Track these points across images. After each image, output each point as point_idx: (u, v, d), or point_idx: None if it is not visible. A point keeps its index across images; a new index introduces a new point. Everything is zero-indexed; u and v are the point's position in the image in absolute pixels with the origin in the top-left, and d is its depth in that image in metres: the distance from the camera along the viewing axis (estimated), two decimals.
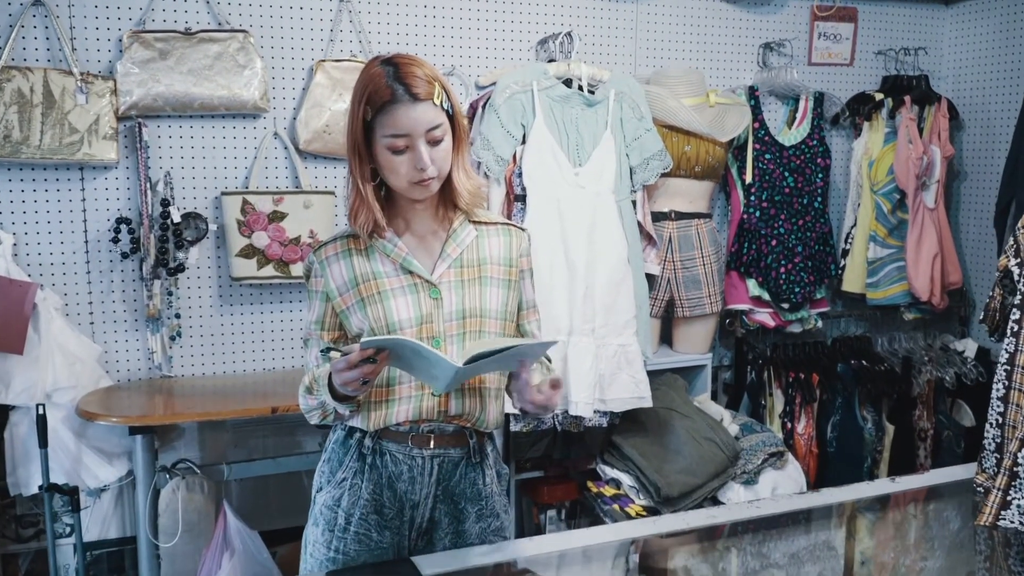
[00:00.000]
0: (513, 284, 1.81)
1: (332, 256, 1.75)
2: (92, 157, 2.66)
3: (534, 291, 1.89)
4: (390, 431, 1.76)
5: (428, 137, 1.63)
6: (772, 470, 2.96)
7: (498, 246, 1.81)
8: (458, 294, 1.74)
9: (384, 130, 1.61)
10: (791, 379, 3.40)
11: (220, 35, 2.76)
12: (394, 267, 1.73)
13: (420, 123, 1.61)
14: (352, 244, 1.75)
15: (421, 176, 1.64)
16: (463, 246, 1.77)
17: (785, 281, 3.35)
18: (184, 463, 2.73)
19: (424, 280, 1.73)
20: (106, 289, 2.79)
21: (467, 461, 1.81)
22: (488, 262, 1.79)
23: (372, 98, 1.60)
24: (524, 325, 1.86)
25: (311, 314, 1.78)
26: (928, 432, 3.55)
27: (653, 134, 3.01)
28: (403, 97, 1.59)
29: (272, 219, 2.83)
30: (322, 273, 1.75)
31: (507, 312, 1.80)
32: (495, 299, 1.77)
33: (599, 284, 2.88)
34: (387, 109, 1.60)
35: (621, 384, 2.90)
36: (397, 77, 1.60)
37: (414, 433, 1.76)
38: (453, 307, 1.73)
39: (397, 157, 1.63)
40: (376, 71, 1.62)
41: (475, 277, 1.77)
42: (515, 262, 1.82)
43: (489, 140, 2.85)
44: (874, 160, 3.54)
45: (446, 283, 1.74)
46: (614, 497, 2.94)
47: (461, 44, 3.12)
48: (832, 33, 3.63)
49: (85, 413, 2.48)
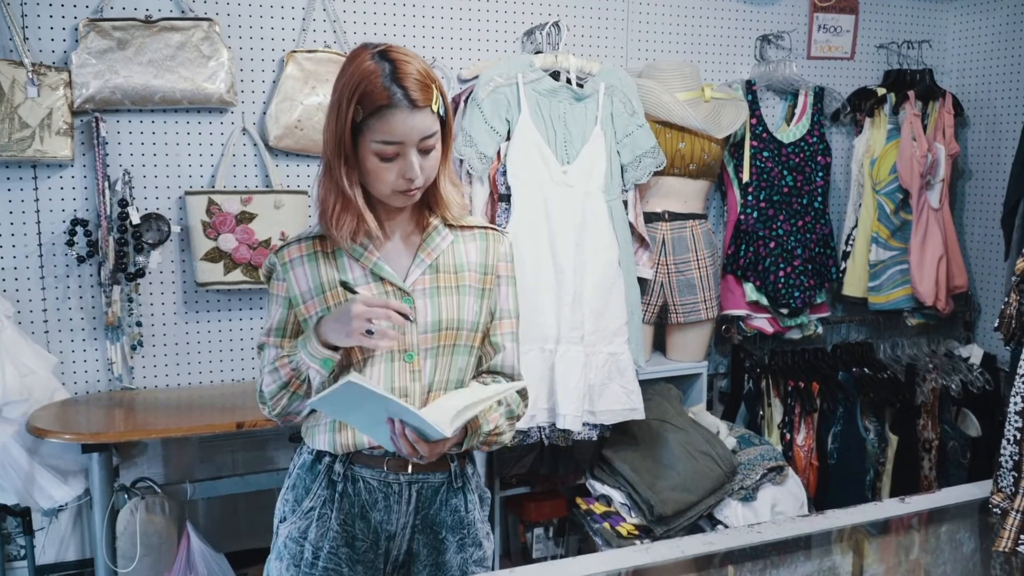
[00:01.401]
0: (487, 293, 1.66)
1: (296, 259, 1.60)
2: (44, 154, 2.49)
3: (514, 299, 1.71)
4: (363, 455, 1.60)
5: (421, 146, 1.50)
6: (771, 485, 2.80)
7: (475, 251, 1.66)
8: (433, 303, 1.59)
9: (375, 135, 1.47)
10: (790, 388, 3.24)
11: (183, 23, 2.59)
12: (364, 273, 1.58)
13: (416, 132, 1.48)
14: (319, 246, 1.60)
15: (408, 186, 1.51)
16: (439, 251, 1.62)
17: (784, 285, 3.19)
18: (144, 482, 2.58)
19: (396, 287, 1.58)
20: (61, 295, 2.62)
21: (448, 486, 1.66)
22: (465, 268, 1.64)
23: (365, 99, 1.45)
24: (493, 337, 1.68)
25: (269, 320, 1.63)
26: (933, 443, 3.39)
27: (646, 130, 2.85)
28: (401, 103, 1.45)
29: (240, 220, 2.66)
30: (284, 276, 1.60)
31: (480, 324, 1.65)
32: (471, 310, 1.62)
33: (588, 289, 2.71)
34: (382, 114, 1.46)
35: (612, 395, 2.74)
36: (395, 78, 1.45)
37: (390, 457, 1.60)
38: (428, 317, 1.58)
39: (384, 164, 1.49)
40: (370, 67, 1.46)
41: (452, 285, 1.61)
42: (491, 268, 1.67)
43: (472, 136, 2.68)
44: (876, 158, 3.39)
45: (420, 290, 1.59)
46: (605, 515, 2.78)
47: (442, 35, 2.95)
48: (832, 25, 3.48)
49: (36, 429, 2.31)
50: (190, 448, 2.80)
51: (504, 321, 1.69)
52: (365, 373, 1.56)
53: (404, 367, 1.57)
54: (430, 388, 1.59)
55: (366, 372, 1.56)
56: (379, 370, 1.56)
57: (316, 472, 1.63)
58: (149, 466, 2.76)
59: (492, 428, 1.60)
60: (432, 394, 1.59)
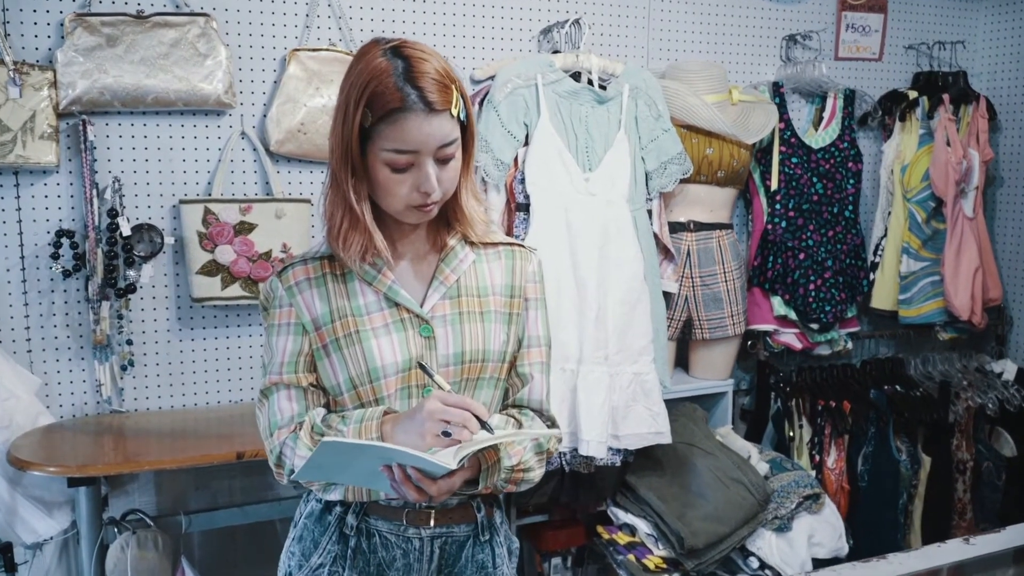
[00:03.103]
0: (515, 318, 1.46)
1: (304, 281, 1.40)
2: (27, 160, 2.30)
3: (544, 325, 1.52)
4: (379, 505, 1.42)
5: (438, 155, 1.30)
6: (807, 515, 2.63)
7: (500, 272, 1.47)
8: (455, 331, 1.40)
9: (386, 143, 1.28)
10: (820, 407, 3.06)
11: (177, 19, 2.40)
12: (377, 298, 1.39)
13: (433, 139, 1.29)
14: (327, 267, 1.40)
15: (423, 200, 1.31)
16: (459, 272, 1.43)
17: (815, 299, 3.01)
18: (135, 514, 2.39)
19: (413, 314, 1.39)
20: (45, 312, 2.43)
21: (475, 539, 1.47)
22: (489, 292, 1.45)
23: (375, 101, 1.27)
24: (520, 367, 1.49)
25: (277, 355, 1.40)
26: (967, 464, 3.23)
27: (672, 135, 2.67)
28: (416, 106, 1.26)
29: (239, 231, 2.47)
30: (291, 302, 1.39)
31: (508, 354, 1.46)
32: (497, 338, 1.43)
33: (612, 305, 2.54)
34: (394, 118, 1.27)
35: (637, 418, 2.57)
36: (409, 77, 1.27)
37: (409, 508, 1.41)
38: (450, 349, 1.39)
39: (397, 175, 1.30)
40: (380, 64, 1.28)
41: (475, 311, 1.43)
42: (518, 291, 1.47)
43: (488, 141, 2.51)
44: (907, 164, 3.23)
45: (440, 318, 1.40)
46: (629, 546, 2.60)
47: (455, 33, 2.76)
48: (861, 25, 3.31)
49: (17, 460, 2.11)
50: (184, 476, 2.61)
51: (533, 350, 1.50)
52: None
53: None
54: None
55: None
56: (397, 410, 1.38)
57: (326, 524, 1.44)
58: (141, 494, 2.57)
59: (515, 463, 1.38)
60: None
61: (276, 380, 1.39)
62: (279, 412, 1.38)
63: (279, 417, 1.37)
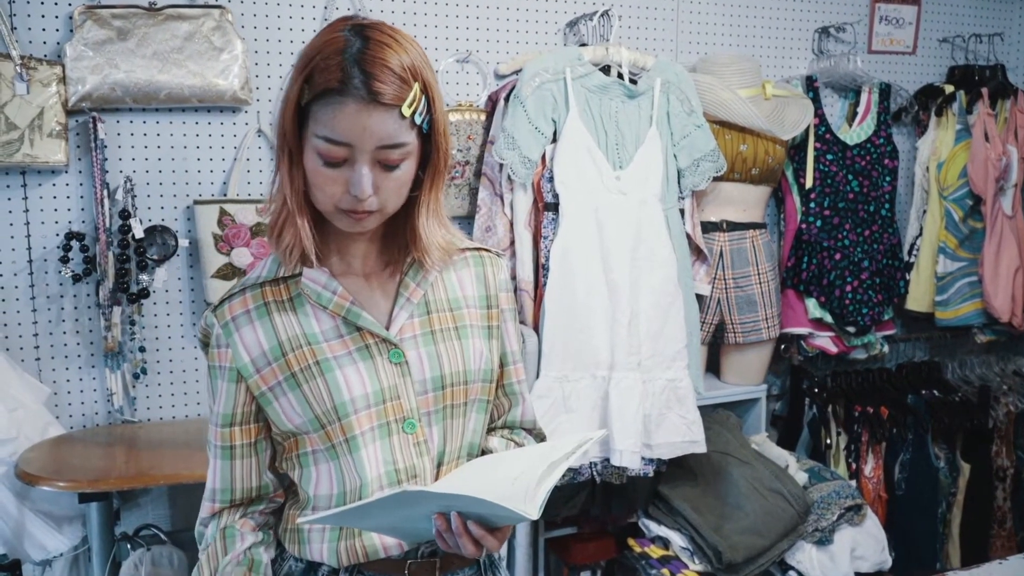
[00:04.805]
0: (494, 331, 1.31)
1: (241, 315, 1.23)
2: (35, 159, 2.21)
3: (518, 338, 1.38)
4: (377, 561, 1.25)
5: (378, 156, 1.12)
6: (848, 526, 2.52)
7: (470, 281, 1.31)
8: (430, 353, 1.24)
9: (318, 127, 1.11)
10: (857, 413, 2.95)
11: (192, 11, 2.30)
12: (335, 323, 1.22)
13: (370, 135, 1.10)
14: (270, 295, 1.24)
15: (353, 205, 1.14)
16: (425, 285, 1.27)
17: (852, 301, 2.90)
18: (149, 529, 2.29)
19: (379, 339, 1.23)
20: (55, 319, 2.33)
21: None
22: (463, 304, 1.29)
23: (315, 76, 1.11)
24: (510, 386, 1.36)
25: (214, 405, 1.26)
26: (1008, 471, 3.12)
27: (705, 131, 2.57)
28: (357, 92, 1.09)
29: (256, 233, 2.38)
30: (227, 341, 1.23)
31: (493, 372, 1.30)
32: (478, 355, 1.28)
33: (645, 308, 2.44)
34: (329, 100, 1.10)
35: (670, 426, 2.46)
36: (360, 59, 1.10)
37: (412, 560, 1.25)
38: (426, 373, 1.24)
39: (328, 170, 1.13)
40: (336, 39, 1.12)
41: (449, 327, 1.27)
42: (493, 300, 1.32)
43: (515, 137, 2.40)
44: (943, 161, 3.11)
45: (410, 339, 1.24)
46: (663, 560, 2.49)
47: (478, 26, 2.66)
48: (894, 17, 3.20)
49: (26, 475, 2.02)
50: (200, 489, 2.49)
51: (518, 366, 1.37)
52: (358, 454, 1.21)
53: (406, 440, 1.23)
54: (441, 461, 1.25)
55: (360, 453, 1.21)
56: (375, 449, 1.21)
57: None
58: (154, 507, 2.47)
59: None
60: (444, 468, 1.25)
61: (214, 436, 1.28)
62: (210, 498, 1.31)
63: (207, 508, 1.32)
